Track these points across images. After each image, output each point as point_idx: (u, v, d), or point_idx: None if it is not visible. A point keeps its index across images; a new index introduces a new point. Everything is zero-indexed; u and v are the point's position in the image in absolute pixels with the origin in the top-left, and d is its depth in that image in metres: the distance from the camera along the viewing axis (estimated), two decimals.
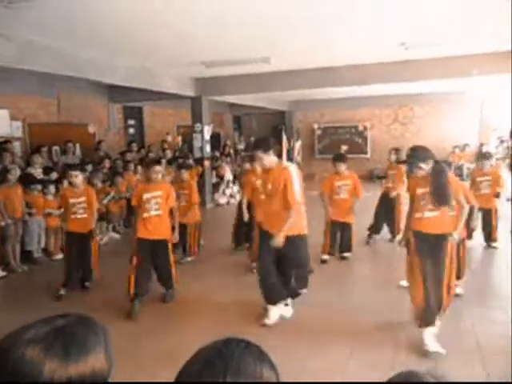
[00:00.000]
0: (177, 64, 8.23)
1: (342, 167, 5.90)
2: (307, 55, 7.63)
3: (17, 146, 8.15)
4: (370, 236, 6.94)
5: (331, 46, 6.97)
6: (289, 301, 4.21)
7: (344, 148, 15.68)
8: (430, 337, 3.44)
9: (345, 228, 6.05)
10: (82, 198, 5.10)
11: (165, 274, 4.71)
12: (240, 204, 6.31)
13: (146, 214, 4.51)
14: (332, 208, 5.85)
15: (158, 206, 4.55)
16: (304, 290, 4.27)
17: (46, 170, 7.26)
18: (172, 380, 0.78)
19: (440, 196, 3.47)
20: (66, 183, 6.33)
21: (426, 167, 3.52)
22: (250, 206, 5.89)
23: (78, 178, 5.10)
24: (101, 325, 0.83)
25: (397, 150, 7.08)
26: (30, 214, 6.27)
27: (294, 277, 4.15)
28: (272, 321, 4.02)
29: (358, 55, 7.75)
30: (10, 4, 4.30)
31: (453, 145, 13.75)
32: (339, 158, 6.06)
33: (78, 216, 5.08)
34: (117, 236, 7.68)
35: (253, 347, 0.79)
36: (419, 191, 3.60)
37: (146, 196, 4.53)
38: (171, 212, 4.80)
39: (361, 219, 6.55)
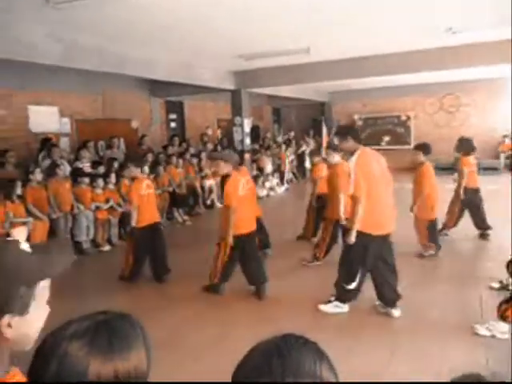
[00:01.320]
0: (216, 57, 8.28)
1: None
2: (347, 44, 7.47)
3: (65, 142, 8.50)
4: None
5: (372, 34, 6.78)
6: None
7: (386, 139, 15.32)
8: None
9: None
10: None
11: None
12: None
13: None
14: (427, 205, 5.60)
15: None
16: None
17: (94, 164, 7.51)
18: (216, 366, 0.78)
19: None
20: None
21: None
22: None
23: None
24: (139, 322, 0.84)
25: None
26: (78, 208, 6.53)
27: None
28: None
29: (400, 42, 7.50)
30: (56, 5, 4.46)
31: (502, 134, 13.13)
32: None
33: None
34: (161, 228, 7.86)
35: (311, 344, 0.77)
36: None
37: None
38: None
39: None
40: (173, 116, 12.35)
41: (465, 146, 6.54)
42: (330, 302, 4.14)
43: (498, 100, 13.80)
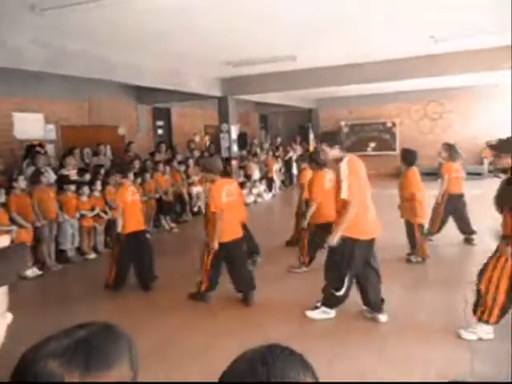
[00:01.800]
0: (203, 64, 8.30)
1: None
2: (333, 52, 7.56)
3: (51, 149, 8.41)
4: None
5: (358, 43, 6.88)
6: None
7: (372, 145, 15.48)
8: None
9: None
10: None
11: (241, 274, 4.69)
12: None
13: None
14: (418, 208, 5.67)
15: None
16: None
17: (81, 172, 7.45)
18: (203, 375, 0.78)
19: None
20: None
21: None
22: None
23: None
24: (124, 334, 0.82)
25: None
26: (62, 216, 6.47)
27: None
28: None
29: (385, 50, 7.63)
30: (42, 11, 4.44)
31: (485, 140, 13.33)
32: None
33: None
34: (147, 235, 7.81)
35: (297, 355, 0.77)
36: None
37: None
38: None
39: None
40: (160, 123, 12.31)
41: (448, 151, 6.66)
42: (316, 307, 4.15)
43: (480, 107, 14.07)
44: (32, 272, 5.86)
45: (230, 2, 4.62)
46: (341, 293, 3.95)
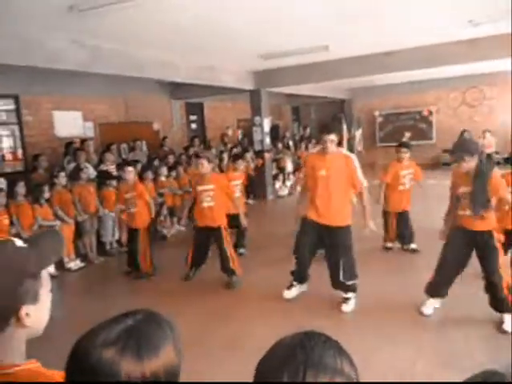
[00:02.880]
0: (235, 58, 8.33)
1: (407, 154, 5.81)
2: (367, 40, 7.41)
3: (90, 145, 8.68)
4: None
5: (391, 29, 6.72)
6: (350, 294, 4.20)
7: (407, 135, 15.12)
8: None
9: (404, 216, 5.90)
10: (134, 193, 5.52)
11: (224, 259, 4.99)
12: None
13: (202, 204, 5.03)
14: (394, 198, 5.75)
15: (211, 198, 4.99)
16: (355, 281, 4.21)
17: (119, 167, 7.65)
18: (240, 366, 0.81)
19: (476, 203, 3.39)
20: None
21: (470, 162, 3.38)
22: None
23: (131, 173, 5.54)
24: (168, 320, 0.87)
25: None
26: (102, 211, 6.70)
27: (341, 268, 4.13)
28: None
29: (420, 36, 7.40)
30: (80, 12, 4.58)
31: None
32: (405, 144, 5.98)
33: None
34: (182, 228, 7.96)
35: (333, 342, 0.79)
36: (462, 189, 3.53)
37: (200, 188, 5.03)
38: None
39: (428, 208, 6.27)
40: (193, 117, 12.47)
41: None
42: (346, 299, 4.21)
43: None
44: (75, 264, 6.10)
45: None
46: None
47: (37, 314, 0.95)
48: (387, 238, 5.97)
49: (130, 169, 5.55)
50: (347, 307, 4.17)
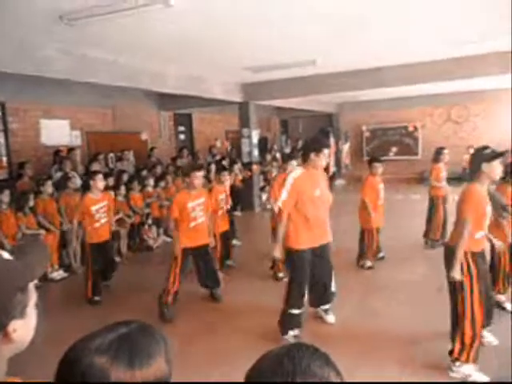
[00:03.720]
0: (224, 70, 8.39)
1: (381, 169, 5.87)
2: (354, 56, 7.53)
3: (76, 154, 8.62)
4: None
5: (379, 46, 6.84)
6: (329, 305, 4.24)
7: (393, 149, 15.32)
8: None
9: (378, 232, 5.97)
10: (104, 203, 5.23)
11: (212, 273, 4.85)
12: None
13: (193, 223, 4.54)
14: (375, 214, 5.74)
15: (203, 213, 4.65)
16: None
17: (104, 177, 7.60)
18: (225, 380, 0.81)
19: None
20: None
21: None
22: None
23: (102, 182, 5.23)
24: (160, 333, 0.87)
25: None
26: None
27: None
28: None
29: (407, 54, 7.56)
30: (70, 21, 4.58)
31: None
32: (378, 159, 6.02)
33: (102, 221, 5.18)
34: (168, 239, 7.91)
35: (321, 353, 0.80)
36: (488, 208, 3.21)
37: (190, 205, 4.53)
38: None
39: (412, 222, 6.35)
40: (181, 128, 12.47)
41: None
42: None
43: (507, 109, 13.76)
44: (58, 274, 6.01)
45: (250, 9, 4.67)
46: None
47: (23, 329, 0.92)
48: (367, 256, 5.84)
49: (101, 177, 5.26)
50: (332, 317, 4.20)
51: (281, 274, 5.33)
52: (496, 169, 3.08)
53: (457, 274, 3.05)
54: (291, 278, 3.84)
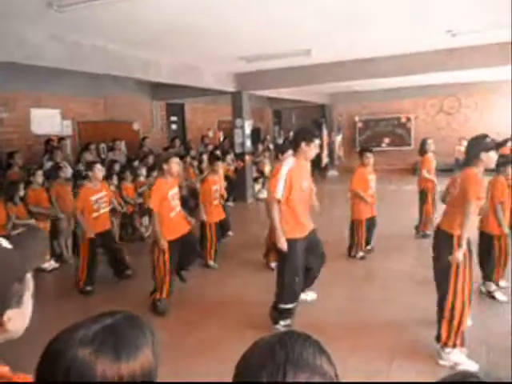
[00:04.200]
0: (217, 60, 8.32)
1: (372, 159, 5.87)
2: (348, 46, 7.50)
3: (67, 144, 8.55)
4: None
5: (373, 36, 6.81)
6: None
7: (386, 140, 15.35)
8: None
9: (373, 222, 5.99)
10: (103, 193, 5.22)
11: (194, 257, 4.88)
12: None
13: (173, 213, 4.41)
14: (365, 205, 5.76)
15: (178, 201, 4.55)
16: None
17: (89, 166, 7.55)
18: (211, 369, 0.80)
19: None
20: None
21: None
22: None
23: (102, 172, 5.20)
24: (147, 324, 0.85)
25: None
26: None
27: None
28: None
29: (401, 44, 7.54)
30: (59, 8, 4.50)
31: (504, 137, 13.04)
32: (369, 149, 6.01)
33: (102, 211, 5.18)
34: None
35: (313, 340, 0.79)
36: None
37: (170, 193, 4.37)
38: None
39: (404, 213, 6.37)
40: (174, 118, 12.40)
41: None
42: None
43: (498, 102, 13.83)
44: (50, 265, 5.97)
45: None
46: None
47: (19, 318, 0.91)
48: (358, 247, 5.87)
49: (100, 167, 5.23)
50: (313, 293, 4.43)
51: (273, 264, 5.30)
52: (493, 158, 3.17)
53: (461, 256, 3.08)
54: (284, 270, 3.81)
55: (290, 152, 4.11)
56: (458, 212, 3.18)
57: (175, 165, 4.39)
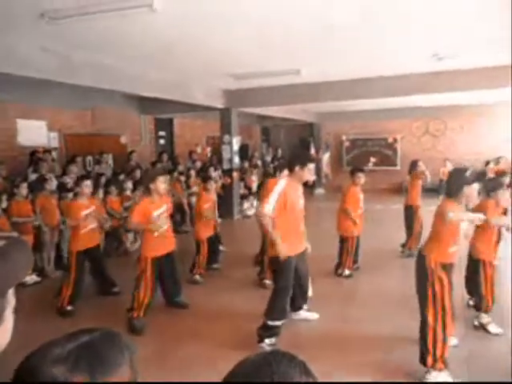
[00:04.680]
0: (206, 76, 8.37)
1: (363, 179, 5.91)
2: (337, 67, 7.62)
3: (53, 156, 8.45)
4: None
5: (362, 58, 6.94)
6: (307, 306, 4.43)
7: (373, 160, 15.52)
8: None
9: (358, 240, 6.03)
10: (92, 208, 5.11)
11: (178, 282, 4.81)
12: None
13: (156, 232, 4.32)
14: (356, 223, 5.79)
15: (166, 220, 4.48)
16: None
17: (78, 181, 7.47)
18: None
19: None
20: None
21: None
22: None
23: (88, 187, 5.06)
24: (125, 340, 0.82)
25: None
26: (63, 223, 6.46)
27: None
28: None
29: (388, 67, 7.70)
30: (51, 20, 4.49)
31: (486, 159, 13.28)
32: (362, 169, 6.04)
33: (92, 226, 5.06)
34: None
35: (299, 360, 0.79)
36: None
37: (156, 213, 4.31)
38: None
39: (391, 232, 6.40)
40: (162, 133, 12.38)
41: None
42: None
43: (482, 125, 14.14)
44: (31, 279, 5.84)
45: (235, 16, 4.67)
46: None
47: (0, 334, 0.87)
48: (346, 265, 5.85)
49: (88, 183, 5.09)
50: (315, 314, 4.43)
51: (268, 281, 5.25)
52: (475, 191, 3.20)
53: None
54: (278, 286, 3.84)
55: (286, 172, 4.15)
56: (432, 236, 3.31)
57: (162, 184, 4.34)
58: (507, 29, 5.29)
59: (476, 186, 3.20)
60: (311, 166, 3.82)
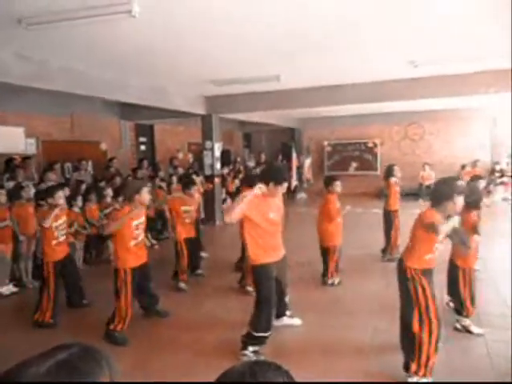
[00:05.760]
0: (187, 82, 8.35)
1: (340, 187, 5.76)
2: (317, 73, 7.70)
3: (31, 163, 8.28)
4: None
5: (340, 64, 7.03)
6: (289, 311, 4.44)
7: (353, 165, 15.70)
8: None
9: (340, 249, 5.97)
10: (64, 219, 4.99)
11: (153, 294, 4.76)
12: None
13: (133, 242, 4.26)
14: (338, 232, 5.75)
15: (142, 231, 4.41)
16: None
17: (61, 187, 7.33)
18: None
19: None
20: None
21: None
22: None
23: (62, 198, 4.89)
24: (105, 355, 0.81)
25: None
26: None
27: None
28: None
29: (367, 73, 7.81)
30: (29, 26, 4.42)
31: (462, 163, 13.57)
32: (337, 178, 5.91)
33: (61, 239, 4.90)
34: None
35: (283, 370, 0.79)
36: None
37: (135, 223, 4.26)
38: None
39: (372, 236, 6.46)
40: (143, 139, 12.28)
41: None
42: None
43: (460, 129, 14.48)
44: (7, 289, 5.70)
45: (214, 22, 4.69)
46: None
47: None
48: (331, 273, 5.77)
49: (61, 194, 4.90)
50: (298, 319, 4.44)
51: (249, 288, 5.20)
52: (461, 201, 3.21)
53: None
54: (260, 297, 3.79)
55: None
56: (412, 243, 3.35)
57: (147, 195, 4.34)
58: (483, 36, 5.43)
59: (462, 198, 3.21)
60: (285, 184, 3.79)
